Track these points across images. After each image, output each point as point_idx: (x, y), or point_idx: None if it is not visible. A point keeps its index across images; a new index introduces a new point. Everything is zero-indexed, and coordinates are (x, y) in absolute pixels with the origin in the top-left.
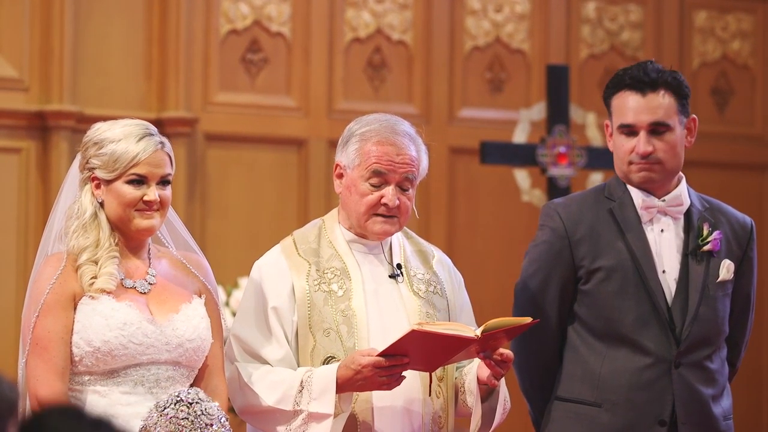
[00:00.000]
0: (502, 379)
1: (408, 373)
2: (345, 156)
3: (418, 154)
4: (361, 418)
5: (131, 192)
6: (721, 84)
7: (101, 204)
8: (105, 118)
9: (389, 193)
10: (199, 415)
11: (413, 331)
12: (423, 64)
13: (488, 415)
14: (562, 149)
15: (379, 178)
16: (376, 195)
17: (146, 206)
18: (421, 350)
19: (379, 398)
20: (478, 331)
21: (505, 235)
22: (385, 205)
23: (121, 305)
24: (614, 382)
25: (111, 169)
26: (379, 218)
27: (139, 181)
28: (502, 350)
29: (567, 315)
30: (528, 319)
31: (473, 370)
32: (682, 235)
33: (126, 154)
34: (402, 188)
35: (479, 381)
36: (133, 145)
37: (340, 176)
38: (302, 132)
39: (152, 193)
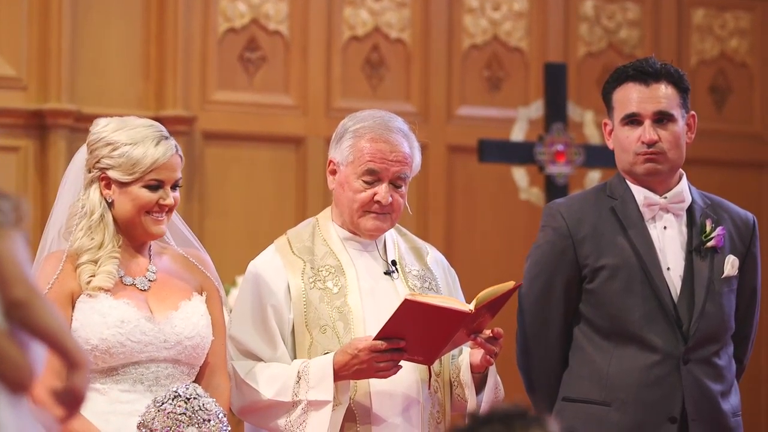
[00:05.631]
0: (493, 367)
1: (406, 367)
2: (338, 152)
3: (411, 151)
4: (360, 406)
5: (148, 195)
6: (719, 82)
7: (109, 204)
8: (103, 117)
9: (382, 190)
10: (196, 411)
11: (407, 301)
12: (421, 63)
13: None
14: (560, 147)
15: (373, 176)
16: (369, 192)
17: (159, 209)
18: (417, 329)
19: (377, 390)
20: (472, 306)
21: (503, 233)
22: (378, 202)
23: (118, 303)
24: (623, 381)
25: (129, 172)
26: (371, 215)
27: (157, 186)
28: (493, 329)
29: (573, 315)
30: (511, 284)
31: (465, 360)
32: (685, 231)
33: (145, 159)
34: (395, 185)
35: (473, 369)
36: (152, 150)
37: (334, 172)
38: (300, 130)
39: (168, 196)
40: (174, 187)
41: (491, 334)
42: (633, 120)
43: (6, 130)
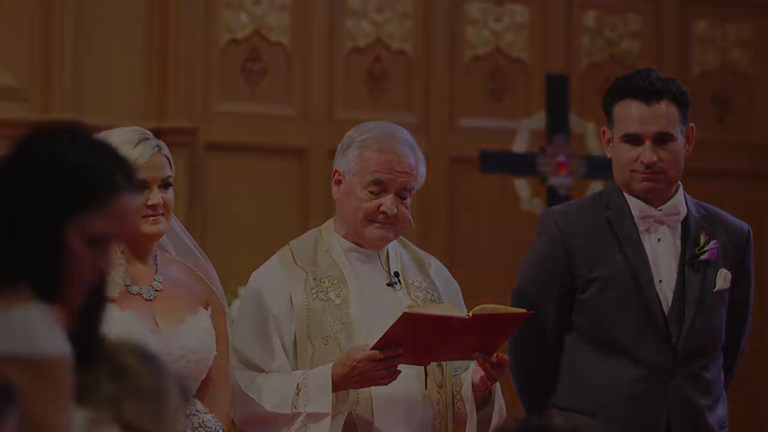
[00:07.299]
0: (498, 388)
1: (407, 373)
2: (344, 162)
3: (416, 162)
4: (361, 418)
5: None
6: (721, 93)
7: None
8: (105, 128)
9: (388, 201)
10: (196, 428)
11: (405, 314)
12: (423, 74)
13: (484, 424)
14: (561, 158)
15: (379, 186)
16: (375, 203)
17: (151, 211)
18: (415, 338)
19: (378, 398)
20: (470, 313)
21: (505, 244)
22: (383, 213)
23: (125, 315)
24: (610, 393)
25: None
26: (377, 225)
27: (141, 186)
28: (498, 354)
29: (565, 323)
30: (521, 311)
31: (468, 376)
32: (679, 244)
33: None
34: (400, 197)
35: (474, 386)
36: (130, 152)
37: (339, 182)
38: (302, 141)
39: (155, 196)
40: (165, 186)
41: (495, 360)
42: (633, 139)
43: (7, 141)
